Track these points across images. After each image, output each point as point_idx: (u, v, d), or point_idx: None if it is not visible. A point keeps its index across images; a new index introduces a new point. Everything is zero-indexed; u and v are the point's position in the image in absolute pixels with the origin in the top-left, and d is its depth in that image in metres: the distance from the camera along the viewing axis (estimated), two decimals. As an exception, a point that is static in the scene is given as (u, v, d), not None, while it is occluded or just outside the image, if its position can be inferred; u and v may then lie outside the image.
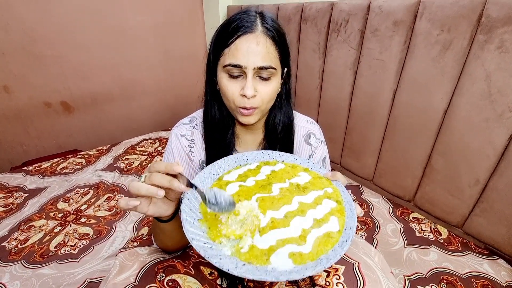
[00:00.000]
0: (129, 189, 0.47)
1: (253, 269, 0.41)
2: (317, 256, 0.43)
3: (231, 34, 0.60)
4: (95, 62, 1.87)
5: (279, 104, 0.72)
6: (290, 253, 0.43)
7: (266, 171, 0.61)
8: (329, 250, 0.43)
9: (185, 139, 0.73)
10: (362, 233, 1.09)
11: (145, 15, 1.98)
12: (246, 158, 0.65)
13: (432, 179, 1.12)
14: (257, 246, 0.45)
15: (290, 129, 0.75)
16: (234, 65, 0.59)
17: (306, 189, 0.55)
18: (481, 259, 0.95)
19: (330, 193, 0.54)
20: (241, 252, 0.44)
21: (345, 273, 0.61)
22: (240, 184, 0.57)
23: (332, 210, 0.50)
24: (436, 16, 0.96)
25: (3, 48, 1.55)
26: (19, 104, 1.68)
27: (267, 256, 0.43)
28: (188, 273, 0.65)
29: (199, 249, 0.42)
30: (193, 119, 0.77)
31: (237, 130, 0.76)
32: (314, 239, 0.45)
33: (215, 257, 0.41)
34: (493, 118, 0.90)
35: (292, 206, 0.51)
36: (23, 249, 1.03)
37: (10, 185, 1.41)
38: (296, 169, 0.62)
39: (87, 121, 1.97)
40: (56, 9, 1.64)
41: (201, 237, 0.45)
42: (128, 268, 0.68)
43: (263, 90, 0.62)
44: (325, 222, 0.48)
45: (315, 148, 0.79)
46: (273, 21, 0.63)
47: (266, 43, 0.60)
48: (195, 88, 2.39)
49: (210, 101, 0.71)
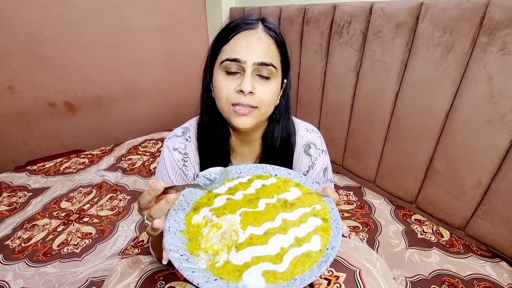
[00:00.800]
0: (149, 234, 0.49)
1: (224, 284, 0.40)
2: (292, 276, 0.41)
3: (231, 31, 0.57)
4: (99, 64, 1.89)
5: (277, 118, 0.69)
6: (264, 271, 0.42)
7: (257, 185, 0.60)
8: (306, 270, 0.42)
9: (178, 153, 0.71)
10: (363, 235, 1.08)
11: (149, 17, 2.00)
12: (239, 171, 0.64)
13: (434, 181, 1.11)
14: (231, 261, 0.44)
15: (289, 143, 0.72)
16: (232, 60, 0.55)
17: (293, 205, 0.54)
18: (483, 261, 0.95)
19: (318, 210, 0.52)
20: (215, 266, 0.44)
21: (346, 281, 0.59)
22: (228, 197, 0.56)
23: (317, 228, 0.49)
24: (438, 18, 0.96)
25: (9, 49, 1.56)
26: (24, 104, 1.70)
27: (240, 273, 0.42)
28: (187, 281, 0.65)
29: (174, 260, 0.42)
30: (186, 130, 0.73)
31: (233, 142, 0.72)
32: (292, 258, 0.44)
33: (188, 270, 0.41)
34: (495, 120, 0.90)
35: (274, 223, 0.50)
36: (26, 247, 1.04)
37: (14, 184, 1.42)
38: (288, 184, 0.60)
39: (91, 121, 1.99)
40: (61, 11, 1.66)
41: (179, 249, 0.45)
42: (129, 275, 0.67)
43: (262, 91, 0.58)
44: (306, 242, 0.46)
45: (315, 159, 0.75)
46: (274, 25, 0.61)
47: (268, 40, 0.58)
48: (197, 89, 2.39)
49: (205, 108, 0.67)
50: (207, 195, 0.58)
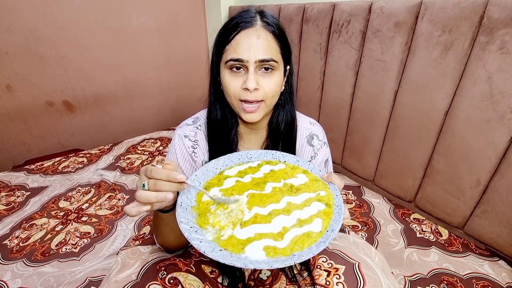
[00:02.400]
0: (138, 199, 0.47)
1: (227, 255, 0.43)
2: (291, 252, 0.44)
3: (231, 31, 0.60)
4: (98, 63, 1.88)
5: (282, 103, 0.72)
6: (265, 246, 0.45)
7: (266, 169, 0.62)
8: (305, 248, 0.44)
9: (189, 140, 0.74)
10: (362, 234, 1.08)
11: (148, 16, 1.99)
12: (250, 156, 0.66)
13: (433, 180, 1.11)
14: (236, 236, 0.47)
15: (293, 127, 0.75)
16: (236, 59, 0.59)
17: (299, 190, 0.56)
18: (482, 260, 0.95)
19: (322, 196, 0.54)
20: (221, 239, 0.47)
21: (346, 273, 0.61)
22: (237, 180, 0.59)
23: (319, 212, 0.51)
24: (438, 17, 0.96)
25: (7, 48, 1.56)
26: (22, 104, 1.69)
27: (243, 246, 0.45)
28: (189, 271, 0.66)
29: (184, 231, 0.45)
30: (196, 120, 0.77)
31: (241, 130, 0.76)
32: (292, 237, 0.46)
33: (196, 240, 0.44)
34: (494, 119, 0.90)
35: (279, 205, 0.53)
36: (24, 247, 1.04)
37: (12, 184, 1.42)
38: (295, 170, 0.62)
39: (89, 120, 1.98)
40: (60, 10, 1.65)
41: (189, 221, 0.49)
42: (130, 266, 0.68)
43: (265, 84, 0.62)
44: (308, 223, 0.49)
45: (317, 149, 0.79)
46: (273, 17, 0.63)
47: (267, 36, 0.60)
48: (196, 88, 2.40)
49: (214, 101, 0.71)
50: (218, 177, 0.61)
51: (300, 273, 0.65)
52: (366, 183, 1.42)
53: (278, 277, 0.67)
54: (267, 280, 0.67)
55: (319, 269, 0.63)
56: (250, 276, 0.68)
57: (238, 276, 0.67)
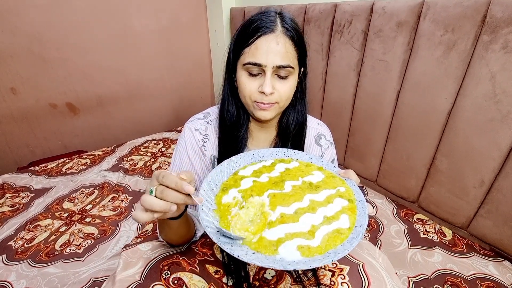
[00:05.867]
0: (142, 203, 0.48)
1: (262, 257, 0.42)
2: (325, 250, 0.43)
3: (251, 34, 0.62)
4: (101, 65, 1.90)
5: (293, 102, 0.73)
6: (299, 245, 0.44)
7: (280, 168, 0.62)
8: (338, 245, 0.44)
9: (199, 133, 0.75)
10: (366, 234, 1.08)
11: (150, 18, 2.01)
12: (261, 154, 0.66)
13: (437, 180, 1.11)
14: (266, 237, 0.46)
15: (303, 128, 0.76)
16: (254, 64, 0.61)
17: (319, 187, 0.56)
18: (486, 261, 0.95)
19: (343, 192, 0.54)
20: (252, 241, 0.46)
21: (350, 273, 0.61)
22: (254, 180, 0.58)
23: (344, 208, 0.51)
24: (440, 17, 0.96)
25: (11, 51, 1.57)
26: (26, 106, 1.70)
27: (276, 247, 0.44)
28: (193, 271, 0.65)
29: (213, 236, 0.44)
30: (207, 115, 0.78)
31: (251, 127, 0.77)
32: (323, 234, 0.46)
33: (227, 244, 0.43)
34: (498, 118, 0.89)
35: (303, 203, 0.52)
36: (29, 248, 1.04)
37: (16, 185, 1.43)
38: (310, 167, 0.62)
39: (92, 122, 2.00)
40: (63, 13, 1.66)
41: (214, 226, 0.47)
42: (133, 265, 0.68)
43: (281, 88, 0.64)
44: (336, 220, 0.48)
45: (325, 149, 0.80)
46: (292, 21, 0.65)
47: (286, 43, 0.62)
48: (199, 89, 2.41)
49: (228, 98, 0.73)
50: (233, 177, 0.60)
51: (305, 273, 0.65)
52: (369, 184, 1.42)
53: (283, 277, 0.66)
54: (272, 280, 0.67)
55: (323, 269, 0.63)
56: (255, 276, 0.68)
57: (243, 276, 0.67)
